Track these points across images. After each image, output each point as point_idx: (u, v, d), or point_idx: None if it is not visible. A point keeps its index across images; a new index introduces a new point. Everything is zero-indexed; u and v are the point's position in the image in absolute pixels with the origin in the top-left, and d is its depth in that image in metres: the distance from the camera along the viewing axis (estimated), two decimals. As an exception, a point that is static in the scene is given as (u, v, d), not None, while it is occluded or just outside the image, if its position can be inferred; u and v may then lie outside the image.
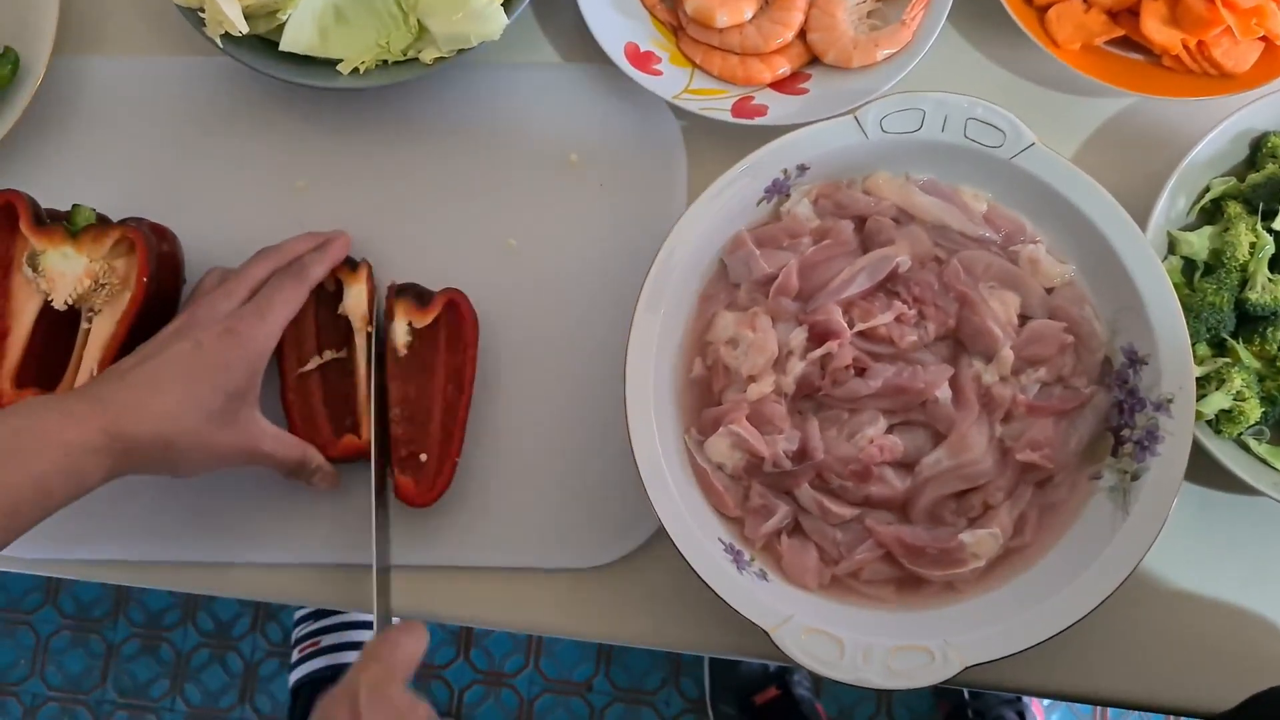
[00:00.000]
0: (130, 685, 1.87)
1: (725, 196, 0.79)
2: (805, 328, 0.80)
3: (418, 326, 0.84)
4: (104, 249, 0.80)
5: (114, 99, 0.93)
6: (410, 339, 0.84)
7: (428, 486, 0.82)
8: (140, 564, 0.87)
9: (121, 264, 0.81)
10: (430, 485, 0.82)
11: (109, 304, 0.80)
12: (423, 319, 0.84)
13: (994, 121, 0.79)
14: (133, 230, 0.80)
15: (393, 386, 0.83)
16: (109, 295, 0.80)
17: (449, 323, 0.84)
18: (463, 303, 0.84)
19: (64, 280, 0.80)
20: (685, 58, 0.91)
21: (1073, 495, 0.79)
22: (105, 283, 0.80)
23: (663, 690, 1.80)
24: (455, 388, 0.83)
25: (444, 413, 0.83)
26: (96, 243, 0.80)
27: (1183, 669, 0.84)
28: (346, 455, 0.83)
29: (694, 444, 0.79)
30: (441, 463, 0.82)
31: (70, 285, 0.80)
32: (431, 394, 0.83)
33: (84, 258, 0.80)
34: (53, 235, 0.80)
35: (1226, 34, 0.86)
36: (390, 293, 0.85)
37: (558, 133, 0.91)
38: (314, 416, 0.83)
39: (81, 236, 0.80)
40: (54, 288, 0.80)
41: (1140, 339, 0.78)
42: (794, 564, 0.78)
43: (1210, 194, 0.85)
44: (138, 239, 0.80)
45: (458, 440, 0.82)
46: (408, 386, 0.83)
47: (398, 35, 0.86)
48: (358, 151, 0.92)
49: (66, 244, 0.80)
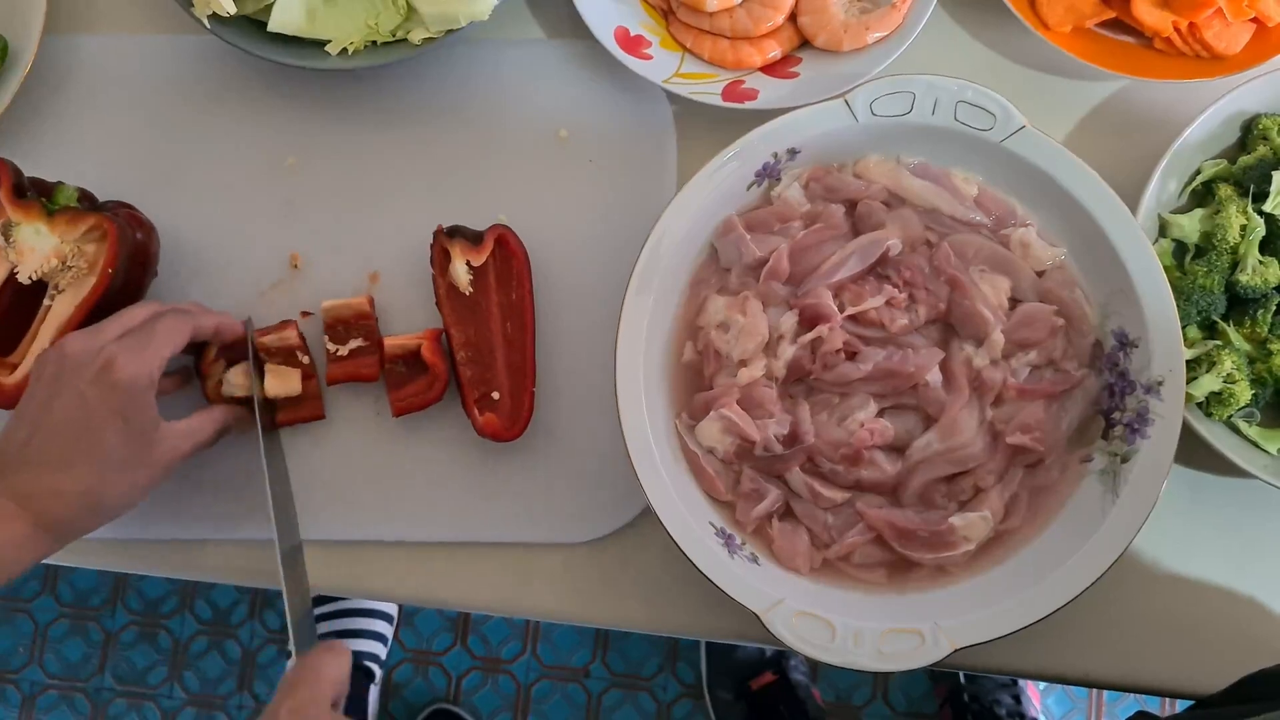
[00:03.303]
0: (128, 673, 1.87)
1: (715, 180, 0.79)
2: (796, 312, 0.80)
3: (475, 265, 0.85)
4: (77, 232, 0.81)
5: (103, 78, 0.94)
6: (471, 277, 0.84)
7: (510, 420, 0.83)
8: (128, 542, 0.87)
9: (92, 249, 0.81)
10: (513, 418, 0.83)
11: (73, 285, 0.81)
12: (478, 257, 0.85)
13: (984, 104, 0.79)
14: (108, 220, 0.81)
15: (455, 331, 0.84)
16: (74, 277, 0.81)
17: (498, 260, 0.85)
18: (511, 238, 0.85)
19: (33, 255, 0.80)
20: (675, 41, 0.91)
21: (1063, 478, 0.79)
22: (72, 265, 0.81)
23: (659, 676, 1.80)
24: (516, 324, 0.84)
25: (507, 349, 0.84)
26: (71, 225, 0.81)
27: (1174, 651, 0.84)
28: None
29: (685, 428, 0.80)
30: (519, 396, 0.83)
31: (38, 261, 0.80)
32: (491, 332, 0.85)
33: (56, 237, 0.81)
34: (30, 210, 0.81)
35: (1218, 16, 0.86)
36: (439, 237, 0.85)
37: (547, 109, 0.91)
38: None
39: (58, 216, 0.81)
40: (22, 260, 0.81)
41: (1131, 322, 0.78)
42: (785, 548, 0.78)
43: (1201, 176, 0.85)
44: (111, 229, 0.80)
45: (530, 372, 0.84)
46: (467, 329, 0.84)
47: (386, 16, 0.86)
48: (347, 131, 0.92)
49: (41, 221, 0.81)
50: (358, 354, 0.86)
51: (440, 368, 0.83)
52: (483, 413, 0.83)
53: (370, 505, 0.86)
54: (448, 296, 0.85)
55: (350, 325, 0.86)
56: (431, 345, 0.83)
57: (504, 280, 0.85)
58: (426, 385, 0.84)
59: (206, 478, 0.86)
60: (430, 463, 0.86)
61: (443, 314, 0.85)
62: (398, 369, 0.85)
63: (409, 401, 0.84)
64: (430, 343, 0.83)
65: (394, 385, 0.84)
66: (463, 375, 0.84)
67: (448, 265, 0.85)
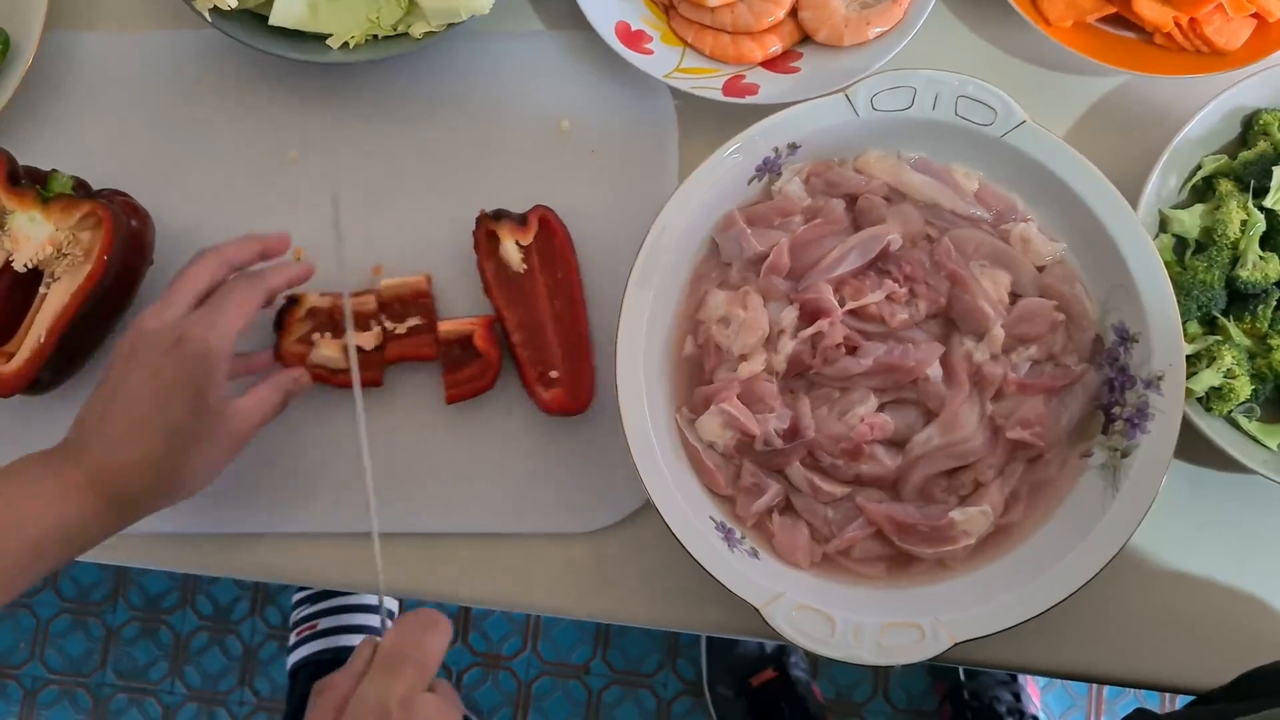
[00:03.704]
0: (130, 668, 1.87)
1: (716, 175, 0.79)
2: (796, 306, 0.80)
3: (523, 245, 0.85)
4: (72, 220, 0.81)
5: (105, 74, 0.94)
6: (522, 255, 0.85)
7: (574, 393, 0.84)
8: (138, 536, 0.86)
9: (87, 237, 0.81)
10: (576, 391, 0.84)
11: (69, 273, 0.81)
12: (525, 237, 0.85)
13: (985, 99, 0.79)
14: (103, 207, 0.81)
15: (508, 314, 0.85)
16: (70, 265, 0.81)
17: (540, 241, 0.86)
18: (552, 218, 0.86)
19: (28, 243, 0.81)
20: (676, 36, 0.91)
21: (1063, 473, 0.79)
22: (68, 253, 0.81)
23: (660, 672, 1.80)
24: (565, 302, 0.85)
25: (558, 327, 0.85)
26: (66, 212, 0.81)
27: (1174, 646, 0.84)
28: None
29: (685, 422, 0.80)
30: (578, 371, 0.84)
31: (33, 249, 0.81)
32: (540, 312, 0.85)
33: (51, 225, 0.81)
34: (24, 198, 0.81)
35: (1218, 11, 0.86)
36: (483, 221, 0.86)
37: (549, 101, 0.91)
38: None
39: (52, 204, 0.81)
40: (17, 248, 0.81)
41: (1131, 317, 0.78)
42: (785, 542, 0.78)
43: (1202, 172, 0.85)
44: (105, 216, 0.80)
45: (587, 347, 0.85)
46: (518, 311, 0.85)
47: (387, 10, 0.86)
48: (348, 124, 0.92)
49: (36, 209, 0.81)
50: (415, 332, 0.86)
51: (494, 355, 0.84)
52: (546, 389, 0.84)
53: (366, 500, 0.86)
54: (496, 281, 0.85)
55: (408, 303, 0.86)
56: (484, 332, 0.84)
57: (548, 260, 0.86)
58: (479, 372, 0.84)
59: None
60: (427, 456, 0.87)
61: (492, 299, 0.85)
62: (454, 351, 0.85)
63: (463, 388, 0.84)
64: (483, 329, 0.84)
65: (450, 368, 0.85)
66: (521, 356, 0.84)
67: (495, 249, 0.85)
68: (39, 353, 0.81)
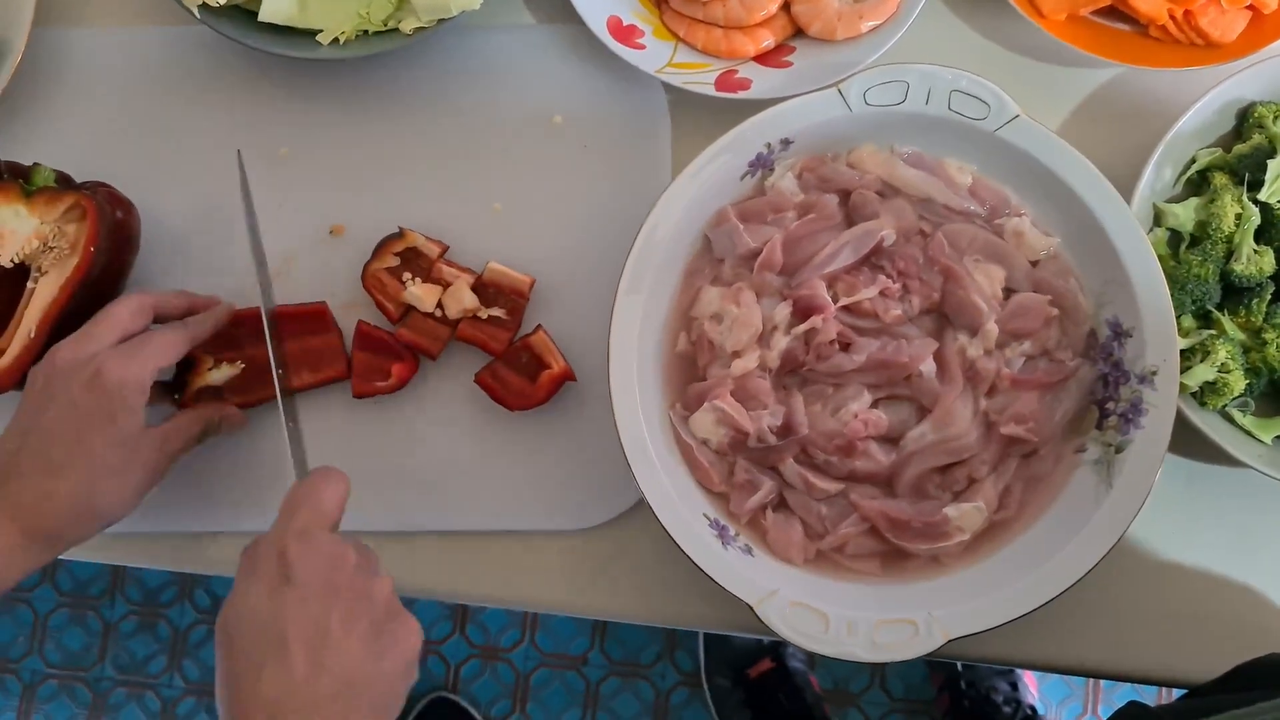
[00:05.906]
0: (128, 662, 1.88)
1: (708, 171, 0.79)
2: (790, 303, 0.80)
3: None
4: (57, 213, 0.81)
5: (94, 70, 0.93)
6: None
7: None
8: (127, 536, 0.87)
9: (73, 229, 0.81)
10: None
11: (56, 266, 0.81)
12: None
13: (978, 94, 0.78)
14: (86, 198, 0.80)
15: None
16: (56, 258, 0.81)
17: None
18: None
19: (13, 238, 0.80)
20: (669, 31, 0.91)
21: (1057, 468, 0.79)
22: (54, 246, 0.80)
23: (658, 664, 1.81)
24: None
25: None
26: (50, 205, 0.81)
27: (1168, 640, 0.84)
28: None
29: (678, 419, 0.79)
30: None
31: (18, 243, 0.80)
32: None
33: (35, 219, 0.80)
34: (7, 192, 0.81)
35: (1213, 3, 0.85)
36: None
37: (541, 95, 0.91)
38: None
39: (36, 197, 0.81)
40: (2, 244, 0.80)
41: (1125, 311, 0.78)
42: (779, 539, 0.78)
43: (1196, 165, 0.84)
44: (90, 207, 0.80)
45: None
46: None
47: (377, 5, 0.85)
48: (339, 120, 0.91)
49: (20, 202, 0.81)
50: (494, 323, 0.85)
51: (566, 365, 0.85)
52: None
53: (363, 496, 0.86)
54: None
55: (500, 293, 0.85)
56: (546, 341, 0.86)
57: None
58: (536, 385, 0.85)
59: (205, 469, 0.86)
60: (423, 452, 0.86)
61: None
62: (521, 358, 0.85)
63: (521, 398, 0.84)
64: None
65: (515, 372, 0.85)
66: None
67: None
68: (29, 348, 0.80)
